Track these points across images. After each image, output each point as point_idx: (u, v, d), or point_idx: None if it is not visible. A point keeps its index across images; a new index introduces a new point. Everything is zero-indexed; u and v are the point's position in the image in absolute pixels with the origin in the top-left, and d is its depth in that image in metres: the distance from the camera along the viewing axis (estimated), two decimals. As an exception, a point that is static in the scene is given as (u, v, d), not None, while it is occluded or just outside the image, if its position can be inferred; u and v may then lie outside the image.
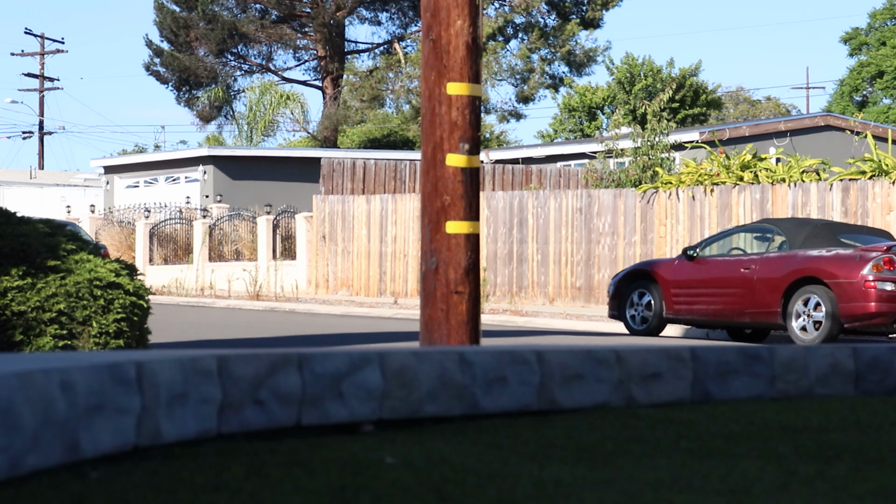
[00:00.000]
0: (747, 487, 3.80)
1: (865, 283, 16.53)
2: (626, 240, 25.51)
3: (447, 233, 8.21)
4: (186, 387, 4.26)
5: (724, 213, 24.05)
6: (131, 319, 10.27)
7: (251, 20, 50.19)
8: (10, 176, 60.20)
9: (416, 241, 28.40)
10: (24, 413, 3.53)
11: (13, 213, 10.69)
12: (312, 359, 4.67)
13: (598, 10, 52.13)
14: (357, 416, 4.79)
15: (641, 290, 18.98)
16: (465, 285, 8.20)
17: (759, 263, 17.74)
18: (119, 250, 37.36)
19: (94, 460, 3.84)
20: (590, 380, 5.48)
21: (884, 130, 36.28)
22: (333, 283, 30.54)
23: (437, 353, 5.06)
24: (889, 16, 67.60)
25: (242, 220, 36.27)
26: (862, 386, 6.41)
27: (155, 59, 51.61)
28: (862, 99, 67.43)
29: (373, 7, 51.95)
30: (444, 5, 8.29)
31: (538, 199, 27.06)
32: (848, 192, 22.56)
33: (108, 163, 46.60)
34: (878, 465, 4.30)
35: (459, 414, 5.09)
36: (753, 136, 34.65)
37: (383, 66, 52.95)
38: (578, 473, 3.95)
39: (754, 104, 72.97)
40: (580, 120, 59.36)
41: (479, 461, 4.13)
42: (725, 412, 5.52)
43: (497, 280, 27.41)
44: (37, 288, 9.91)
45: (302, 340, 16.65)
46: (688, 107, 55.07)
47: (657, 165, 27.25)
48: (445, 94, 8.24)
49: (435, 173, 8.25)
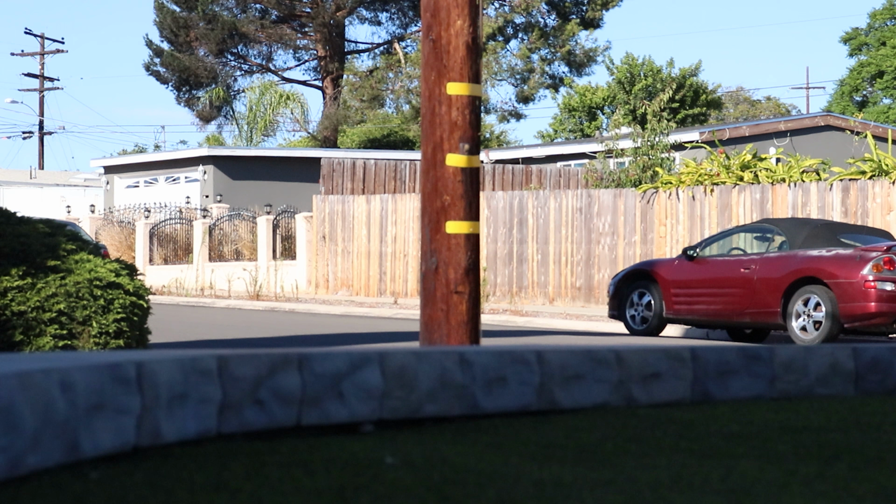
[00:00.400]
0: (747, 487, 3.80)
1: (865, 283, 16.53)
2: (626, 240, 25.51)
3: (447, 233, 8.21)
4: (186, 387, 4.26)
5: (724, 213, 24.05)
6: (131, 319, 10.27)
7: (251, 20, 50.18)
8: (10, 176, 60.19)
9: (416, 241, 28.40)
10: (24, 413, 3.53)
11: (13, 213, 10.69)
12: (312, 359, 4.67)
13: (598, 10, 52.12)
14: (357, 416, 4.79)
15: (641, 290, 18.98)
16: (465, 285, 8.20)
17: (759, 263, 17.74)
18: (119, 250, 37.36)
19: (94, 460, 3.84)
20: (590, 380, 5.48)
21: (884, 130, 36.27)
22: (333, 283, 30.54)
23: (437, 353, 5.06)
24: (889, 16, 67.61)
25: (242, 220, 36.26)
26: (862, 386, 6.41)
27: (155, 59, 51.61)
28: (862, 99, 67.43)
29: (373, 7, 51.94)
30: (444, 5, 8.29)
31: (538, 199, 27.06)
32: (848, 192, 22.56)
33: (108, 163, 46.60)
34: (878, 465, 4.30)
35: (459, 414, 5.09)
36: (753, 136, 34.65)
37: (383, 66, 52.93)
38: (578, 473, 3.96)
39: (754, 104, 72.96)
40: (580, 120, 59.35)
41: (479, 461, 4.13)
42: (725, 412, 5.52)
43: (497, 280, 27.41)
44: (37, 288, 9.90)
45: (302, 340, 16.64)
46: (688, 107, 55.07)
47: (657, 165, 27.24)
48: (445, 94, 8.24)
49: (435, 173, 8.25)
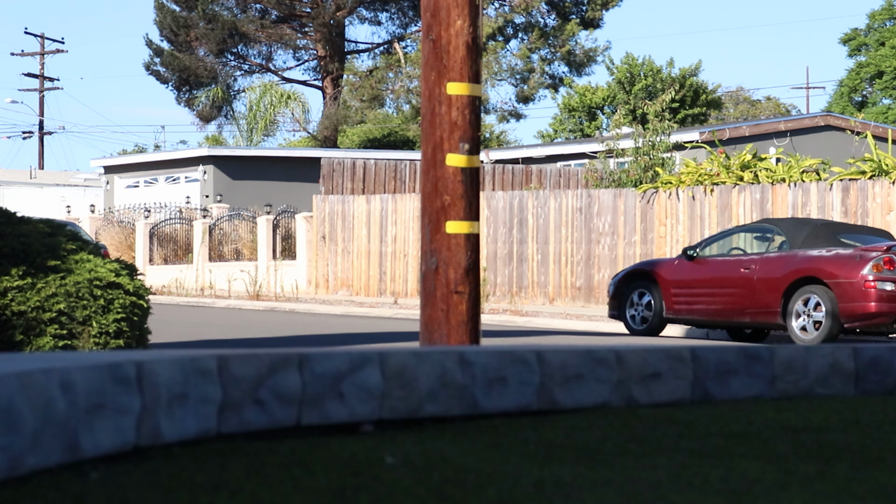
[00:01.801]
0: (747, 487, 3.80)
1: (865, 283, 16.53)
2: (626, 240, 25.50)
3: (447, 233, 8.21)
4: (186, 387, 4.26)
5: (724, 213, 24.04)
6: (131, 319, 10.27)
7: (251, 20, 50.18)
8: (10, 176, 60.18)
9: (416, 241, 28.39)
10: (24, 413, 3.53)
11: (13, 213, 10.69)
12: (312, 359, 4.67)
13: (598, 10, 52.12)
14: (357, 416, 4.79)
15: (641, 290, 18.97)
16: (465, 285, 8.20)
17: (759, 263, 17.74)
18: (119, 250, 37.35)
19: (94, 460, 3.84)
20: (590, 380, 5.48)
21: (884, 130, 36.27)
22: (333, 283, 30.54)
23: (437, 353, 5.06)
24: (888, 16, 67.60)
25: (242, 220, 36.26)
26: (862, 386, 6.41)
27: (155, 58, 51.61)
28: (861, 99, 67.43)
29: (373, 7, 51.94)
30: (444, 5, 8.29)
31: (538, 199, 27.05)
32: (848, 192, 22.56)
33: (108, 163, 46.60)
34: (878, 465, 4.30)
35: (459, 414, 5.09)
36: (753, 136, 34.64)
37: (383, 66, 52.92)
38: (578, 473, 3.95)
39: (754, 104, 72.94)
40: (580, 120, 59.34)
41: (479, 461, 4.13)
42: (725, 412, 5.52)
43: (497, 280, 27.40)
44: (37, 288, 9.90)
45: (302, 340, 16.64)
46: (688, 107, 55.07)
47: (658, 165, 27.24)
48: (445, 94, 8.24)
49: (435, 173, 8.25)
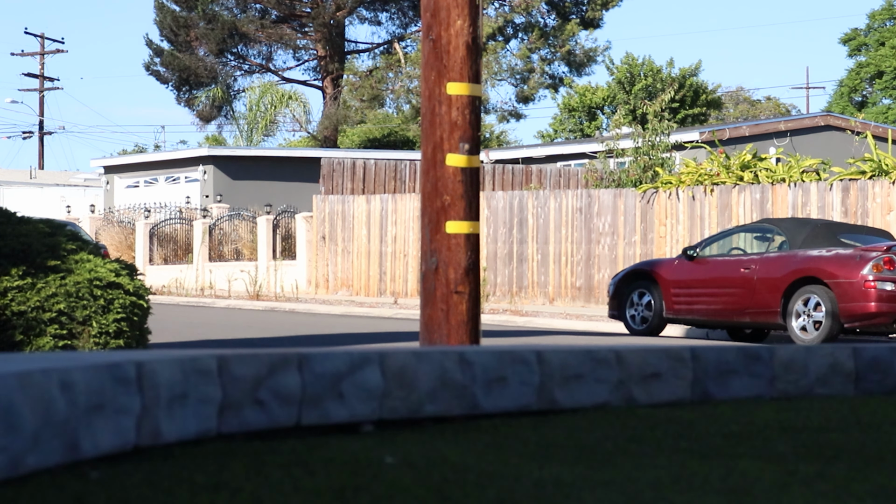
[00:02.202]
0: (747, 487, 3.80)
1: (865, 283, 16.53)
2: (626, 240, 25.50)
3: (447, 233, 8.21)
4: (186, 387, 4.26)
5: (724, 213, 24.04)
6: (131, 319, 10.27)
7: (251, 20, 50.17)
8: (10, 176, 60.18)
9: (416, 241, 28.39)
10: (24, 413, 3.53)
11: (13, 213, 10.69)
12: (312, 359, 4.67)
13: (598, 10, 52.12)
14: (357, 416, 4.79)
15: (641, 290, 18.97)
16: (465, 285, 8.20)
17: (759, 263, 17.74)
18: (119, 250, 37.35)
19: (94, 460, 3.84)
20: (590, 380, 5.48)
21: (884, 130, 36.27)
22: (333, 283, 30.54)
23: (437, 353, 5.06)
24: (888, 16, 67.60)
25: (242, 220, 36.26)
26: (862, 386, 6.41)
27: (155, 58, 51.60)
28: (861, 99, 67.44)
29: (373, 7, 51.94)
30: (444, 5, 8.28)
31: (538, 199, 27.05)
32: (848, 192, 22.56)
33: (108, 163, 46.60)
34: (878, 465, 4.29)
35: (459, 414, 5.09)
36: (753, 136, 34.64)
37: (383, 66, 52.92)
38: (578, 473, 3.95)
39: (754, 104, 72.93)
40: (580, 120, 59.33)
41: (479, 461, 4.13)
42: (725, 412, 5.52)
43: (497, 280, 27.40)
44: (37, 288, 9.90)
45: (302, 340, 16.64)
46: (688, 107, 55.06)
47: (658, 165, 27.24)
48: (445, 94, 8.24)
49: (435, 173, 8.25)
